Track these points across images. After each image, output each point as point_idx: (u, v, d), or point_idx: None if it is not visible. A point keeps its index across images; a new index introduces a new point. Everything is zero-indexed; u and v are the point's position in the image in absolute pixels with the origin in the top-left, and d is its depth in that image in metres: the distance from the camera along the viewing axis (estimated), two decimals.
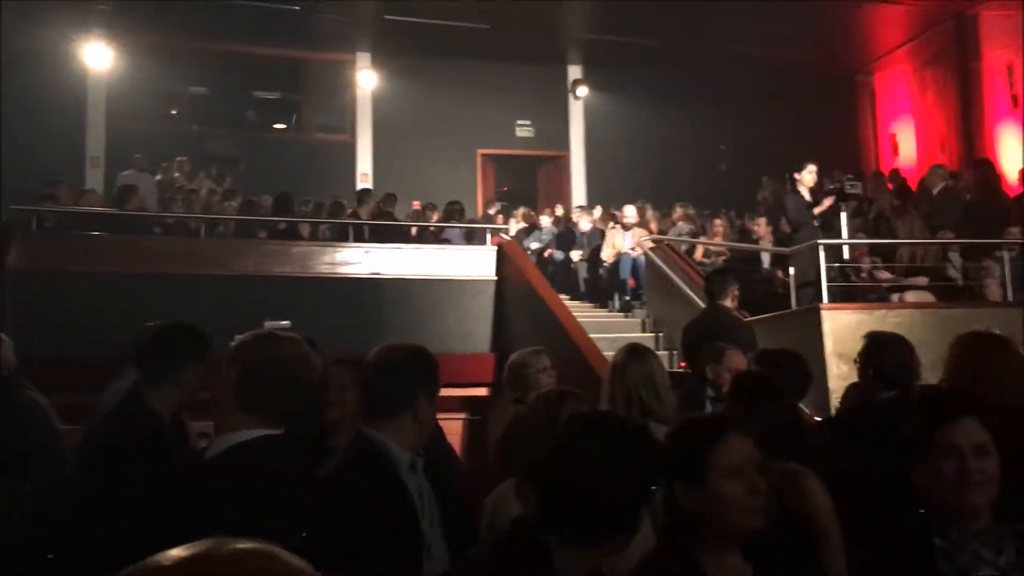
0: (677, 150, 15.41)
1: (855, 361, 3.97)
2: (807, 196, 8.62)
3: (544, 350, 4.20)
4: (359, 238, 10.04)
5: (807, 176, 8.89)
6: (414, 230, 11.72)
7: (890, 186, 12.68)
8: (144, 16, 12.84)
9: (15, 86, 11.22)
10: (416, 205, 14.60)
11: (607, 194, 14.49)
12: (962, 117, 14.27)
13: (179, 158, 13.43)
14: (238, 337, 2.42)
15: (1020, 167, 12.12)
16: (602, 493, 1.77)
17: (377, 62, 15.39)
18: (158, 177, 12.99)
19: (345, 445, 2.75)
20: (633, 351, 3.72)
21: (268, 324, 8.89)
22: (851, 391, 4.91)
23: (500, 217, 14.98)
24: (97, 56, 13.67)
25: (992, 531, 2.07)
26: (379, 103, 15.48)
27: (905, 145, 15.43)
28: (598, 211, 12.87)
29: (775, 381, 3.27)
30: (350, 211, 11.48)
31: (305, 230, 10.68)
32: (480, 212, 15.19)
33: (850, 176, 8.23)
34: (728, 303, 5.87)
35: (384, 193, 12.63)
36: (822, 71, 15.46)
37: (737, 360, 4.47)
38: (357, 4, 13.59)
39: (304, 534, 2.19)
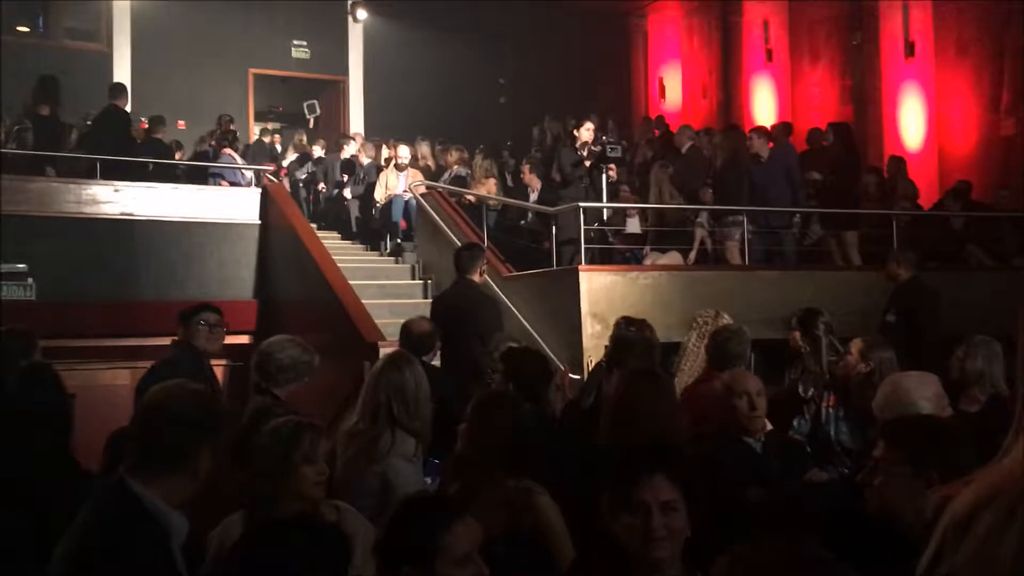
0: (458, 81, 15.30)
1: (602, 362, 4.12)
2: (582, 152, 8.88)
3: (310, 348, 4.04)
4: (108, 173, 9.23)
5: (584, 133, 9.15)
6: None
7: (656, 132, 13.26)
8: None
9: None
10: (181, 125, 13.72)
11: (386, 124, 14.23)
12: (723, 67, 15.10)
13: None
14: None
15: (771, 122, 13.01)
16: None
17: None
18: None
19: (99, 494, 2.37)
20: (392, 360, 3.66)
21: (3, 268, 8.15)
22: (599, 369, 5.05)
23: (277, 137, 14.32)
24: None
25: None
26: (139, 9, 14.27)
27: (672, 89, 16.15)
28: (370, 146, 12.53)
29: (511, 397, 3.39)
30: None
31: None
32: (252, 135, 14.48)
33: (611, 140, 8.52)
34: (476, 278, 5.93)
35: (150, 115, 11.58)
36: (600, 10, 15.78)
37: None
38: None
39: None
